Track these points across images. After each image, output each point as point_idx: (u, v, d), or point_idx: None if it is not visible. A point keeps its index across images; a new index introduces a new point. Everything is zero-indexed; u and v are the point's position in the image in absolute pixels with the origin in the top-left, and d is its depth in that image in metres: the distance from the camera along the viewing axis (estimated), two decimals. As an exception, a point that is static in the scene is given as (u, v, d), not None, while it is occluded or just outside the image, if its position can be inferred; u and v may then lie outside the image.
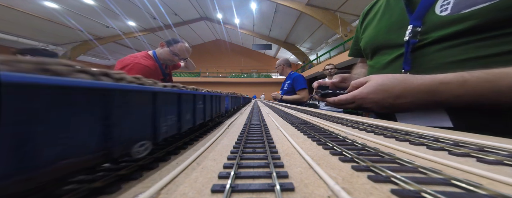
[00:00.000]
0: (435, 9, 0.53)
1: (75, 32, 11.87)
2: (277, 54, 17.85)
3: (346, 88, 0.63)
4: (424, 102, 0.49)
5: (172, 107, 0.33)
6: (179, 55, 1.57)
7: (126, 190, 0.21)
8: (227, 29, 15.05)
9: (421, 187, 0.18)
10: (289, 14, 10.53)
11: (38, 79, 0.13)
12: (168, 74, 1.77)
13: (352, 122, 0.64)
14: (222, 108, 0.83)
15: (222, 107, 0.81)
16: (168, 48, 1.54)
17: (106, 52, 14.59)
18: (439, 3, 0.52)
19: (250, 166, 0.26)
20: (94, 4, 9.75)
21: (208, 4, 11.55)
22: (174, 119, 0.33)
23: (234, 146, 0.37)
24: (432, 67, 0.52)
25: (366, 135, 0.45)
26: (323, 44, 12.80)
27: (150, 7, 10.71)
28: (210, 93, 0.59)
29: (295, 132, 0.52)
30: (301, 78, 2.49)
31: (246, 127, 0.59)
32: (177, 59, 1.62)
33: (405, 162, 0.26)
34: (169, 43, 1.55)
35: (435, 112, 0.53)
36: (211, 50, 18.91)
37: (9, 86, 0.11)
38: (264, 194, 0.19)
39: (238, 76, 17.91)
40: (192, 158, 0.30)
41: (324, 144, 0.37)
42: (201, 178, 0.23)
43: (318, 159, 0.29)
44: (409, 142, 0.38)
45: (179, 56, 1.58)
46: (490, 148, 0.31)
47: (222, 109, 0.83)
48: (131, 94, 0.22)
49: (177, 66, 1.98)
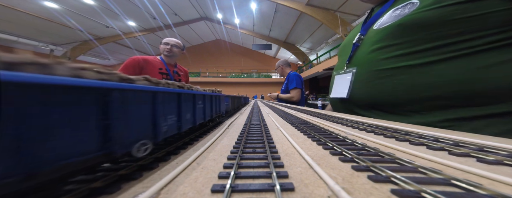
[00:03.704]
0: (374, 26, 0.80)
1: (75, 32, 11.85)
2: (277, 54, 17.85)
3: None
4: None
5: (172, 106, 0.33)
6: (168, 43, 1.79)
7: (126, 190, 0.21)
8: (227, 29, 15.05)
9: (421, 187, 0.18)
10: (289, 14, 10.52)
11: (39, 79, 0.13)
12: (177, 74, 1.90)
13: (352, 122, 0.64)
14: (222, 108, 0.83)
15: (222, 107, 0.81)
16: (161, 44, 1.81)
17: (106, 52, 14.59)
18: (377, 22, 0.79)
19: (250, 166, 0.26)
20: (94, 4, 9.74)
21: (208, 4, 11.54)
22: (174, 118, 0.33)
23: (234, 146, 0.37)
24: (360, 59, 0.80)
25: (366, 135, 0.45)
26: (323, 44, 12.79)
27: (150, 7, 10.70)
28: (211, 94, 0.59)
29: (295, 132, 0.52)
30: (295, 77, 2.48)
31: (246, 127, 0.59)
32: (170, 47, 1.79)
33: (405, 162, 0.26)
34: (160, 42, 1.84)
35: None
36: (211, 50, 18.90)
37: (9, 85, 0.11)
38: (264, 194, 0.19)
39: (238, 76, 17.90)
40: (192, 158, 0.30)
41: (324, 144, 0.37)
42: (201, 178, 0.23)
43: (318, 159, 0.29)
44: (409, 142, 0.38)
45: (168, 44, 1.79)
46: (490, 148, 0.31)
47: (222, 109, 0.82)
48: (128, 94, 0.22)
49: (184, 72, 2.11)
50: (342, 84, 0.81)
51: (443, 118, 0.58)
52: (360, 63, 0.77)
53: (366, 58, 0.75)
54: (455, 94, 0.56)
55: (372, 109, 0.75)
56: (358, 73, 0.77)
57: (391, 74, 0.66)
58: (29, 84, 0.12)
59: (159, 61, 1.76)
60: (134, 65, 1.58)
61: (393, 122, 0.62)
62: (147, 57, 1.69)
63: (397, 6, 0.72)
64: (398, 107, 0.66)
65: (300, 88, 2.44)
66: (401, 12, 0.68)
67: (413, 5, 0.65)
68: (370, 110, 0.75)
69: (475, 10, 0.55)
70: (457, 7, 0.56)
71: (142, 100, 0.25)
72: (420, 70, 0.61)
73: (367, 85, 0.73)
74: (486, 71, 0.53)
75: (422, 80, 0.60)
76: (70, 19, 10.54)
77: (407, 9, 0.67)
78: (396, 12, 0.70)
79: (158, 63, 1.74)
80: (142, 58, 1.64)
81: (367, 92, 0.73)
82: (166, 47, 1.77)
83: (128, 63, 1.58)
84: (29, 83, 0.12)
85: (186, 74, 2.08)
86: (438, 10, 0.59)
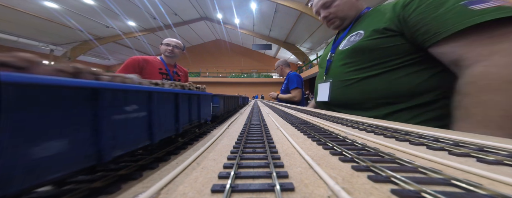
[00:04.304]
0: (340, 46, 1.02)
1: (75, 32, 11.85)
2: (277, 54, 17.85)
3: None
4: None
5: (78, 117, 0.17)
6: (169, 44, 1.81)
7: (126, 190, 0.21)
8: (227, 29, 15.04)
9: (421, 187, 0.18)
10: (289, 14, 10.52)
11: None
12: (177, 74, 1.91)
13: (352, 122, 0.64)
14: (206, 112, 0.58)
15: (205, 111, 0.57)
16: (162, 44, 1.83)
17: (106, 52, 14.59)
18: (341, 44, 1.01)
19: (250, 166, 0.26)
20: (94, 4, 9.74)
21: (208, 4, 11.54)
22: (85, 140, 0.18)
23: (234, 146, 0.37)
24: (333, 72, 1.04)
25: (366, 135, 0.45)
26: (323, 44, 12.79)
27: (150, 7, 10.70)
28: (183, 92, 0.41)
29: (295, 132, 0.52)
30: (295, 77, 2.49)
31: (246, 127, 0.59)
32: (171, 48, 1.81)
33: (405, 162, 0.26)
34: (161, 42, 1.87)
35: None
36: (211, 50, 18.90)
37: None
38: (264, 194, 0.19)
39: (238, 76, 17.90)
40: (192, 158, 0.30)
41: (324, 144, 0.37)
42: (201, 178, 0.23)
43: (318, 159, 0.29)
44: (409, 142, 0.38)
45: (170, 45, 1.82)
46: (490, 148, 0.31)
47: (206, 115, 0.59)
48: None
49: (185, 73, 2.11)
50: (324, 91, 1.09)
51: (385, 112, 0.83)
52: (333, 75, 1.03)
53: (337, 71, 1.01)
54: (387, 96, 0.83)
55: (344, 108, 1.00)
56: (333, 83, 1.03)
57: (352, 83, 0.92)
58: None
59: (159, 62, 1.77)
60: (134, 65, 1.59)
61: (393, 122, 0.63)
62: (147, 57, 1.70)
63: (352, 34, 0.97)
64: (359, 105, 0.92)
65: (300, 88, 2.45)
66: (354, 39, 0.93)
67: (361, 35, 0.90)
68: (343, 108, 1.01)
69: (389, 42, 0.81)
70: (379, 41, 0.83)
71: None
72: (367, 81, 0.87)
73: (339, 91, 1.00)
74: (399, 81, 0.80)
75: (369, 87, 0.87)
76: (70, 19, 10.54)
77: (357, 37, 0.92)
78: (351, 39, 0.95)
79: (158, 63, 1.75)
80: (142, 58, 1.65)
81: (340, 96, 1.00)
82: (168, 48, 1.79)
83: (128, 63, 1.59)
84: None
85: (185, 75, 2.09)
86: (370, 41, 0.85)
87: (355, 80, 0.90)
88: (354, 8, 1.06)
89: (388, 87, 0.82)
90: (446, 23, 0.62)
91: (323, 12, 1.11)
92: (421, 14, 0.70)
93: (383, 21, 0.82)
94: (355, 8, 1.06)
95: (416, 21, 0.71)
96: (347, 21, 1.08)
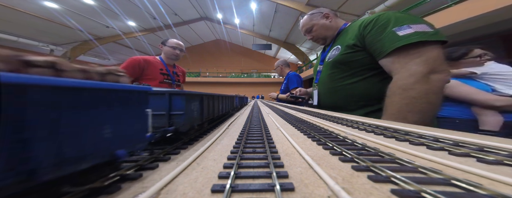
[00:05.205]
0: (326, 59, 1.20)
1: (75, 32, 11.85)
2: (277, 54, 17.85)
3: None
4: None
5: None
6: (175, 47, 1.83)
7: (126, 190, 0.21)
8: (227, 29, 15.04)
9: (421, 187, 0.18)
10: (289, 14, 10.51)
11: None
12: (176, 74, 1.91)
13: (352, 122, 0.64)
14: (125, 133, 0.22)
15: (120, 131, 0.22)
16: (166, 46, 1.82)
17: (106, 52, 14.59)
18: (327, 56, 1.19)
19: (250, 166, 0.26)
20: (94, 4, 9.74)
21: (208, 4, 11.54)
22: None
23: (234, 146, 0.37)
24: (322, 80, 1.23)
25: (366, 135, 0.45)
26: (323, 44, 12.81)
27: (150, 7, 10.70)
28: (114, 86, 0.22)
29: (295, 132, 0.52)
30: (295, 77, 2.49)
31: (246, 127, 0.59)
32: (178, 51, 1.83)
33: (405, 162, 0.26)
34: (164, 43, 1.85)
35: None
36: (211, 50, 18.90)
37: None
38: (264, 194, 0.19)
39: (238, 76, 17.90)
40: (192, 158, 0.30)
41: (324, 144, 0.37)
42: (201, 178, 0.23)
43: (318, 159, 0.29)
44: (409, 142, 0.38)
45: (177, 48, 1.83)
46: (490, 148, 0.31)
47: (123, 139, 0.22)
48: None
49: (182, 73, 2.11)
50: (315, 97, 1.34)
51: (365, 112, 1.01)
52: (323, 83, 1.23)
53: (326, 79, 1.20)
54: (364, 99, 1.02)
55: (333, 109, 1.18)
56: (322, 90, 1.25)
57: (338, 89, 1.11)
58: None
59: (159, 62, 1.77)
60: (135, 65, 1.59)
61: (393, 122, 0.64)
62: (147, 58, 1.70)
63: (334, 48, 1.16)
64: (343, 107, 1.10)
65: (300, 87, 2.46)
66: (334, 53, 1.12)
67: (338, 49, 1.09)
68: (332, 110, 1.19)
69: (358, 56, 0.99)
70: (351, 55, 1.01)
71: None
72: (349, 87, 1.05)
73: (328, 96, 1.21)
74: (371, 88, 0.99)
75: (351, 92, 1.05)
76: (70, 19, 10.54)
77: (336, 51, 1.10)
78: (333, 52, 1.14)
79: (159, 64, 1.75)
80: (143, 59, 1.65)
81: (329, 99, 1.22)
82: (175, 51, 1.81)
83: (128, 63, 1.59)
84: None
85: (183, 74, 2.09)
86: (345, 55, 1.03)
87: (340, 87, 1.09)
88: (331, 29, 1.26)
89: (364, 92, 1.01)
90: (385, 45, 0.84)
91: (308, 35, 1.36)
92: (372, 36, 0.90)
93: (352, 38, 1.00)
94: (331, 28, 1.26)
95: (370, 41, 0.91)
96: (329, 39, 1.29)
